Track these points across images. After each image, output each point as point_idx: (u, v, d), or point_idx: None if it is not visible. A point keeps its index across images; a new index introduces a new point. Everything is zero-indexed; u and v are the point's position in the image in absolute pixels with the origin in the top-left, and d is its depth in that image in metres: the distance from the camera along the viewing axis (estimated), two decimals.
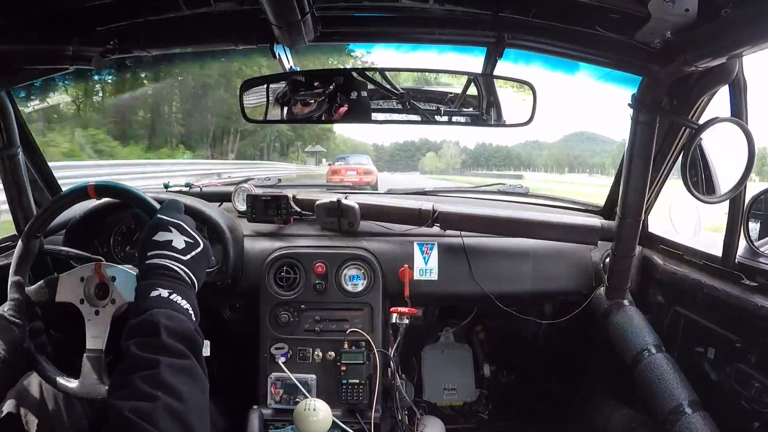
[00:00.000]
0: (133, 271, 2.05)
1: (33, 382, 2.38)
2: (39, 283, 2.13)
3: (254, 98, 2.72)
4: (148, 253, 1.72)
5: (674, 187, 2.77)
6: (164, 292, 1.61)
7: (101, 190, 2.08)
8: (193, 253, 1.78)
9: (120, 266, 2.06)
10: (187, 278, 1.72)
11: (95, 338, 2.05)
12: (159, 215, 1.82)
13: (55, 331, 2.68)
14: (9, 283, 2.07)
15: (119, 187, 2.09)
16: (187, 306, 1.63)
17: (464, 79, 2.72)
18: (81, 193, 2.09)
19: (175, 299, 1.61)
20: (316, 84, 2.59)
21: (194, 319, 1.63)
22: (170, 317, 1.54)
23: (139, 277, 1.75)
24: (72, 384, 2.09)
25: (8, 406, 2.33)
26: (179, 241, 1.76)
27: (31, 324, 2.10)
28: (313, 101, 2.59)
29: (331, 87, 2.60)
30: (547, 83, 2.88)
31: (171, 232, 1.77)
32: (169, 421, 1.30)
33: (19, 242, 2.15)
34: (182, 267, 1.72)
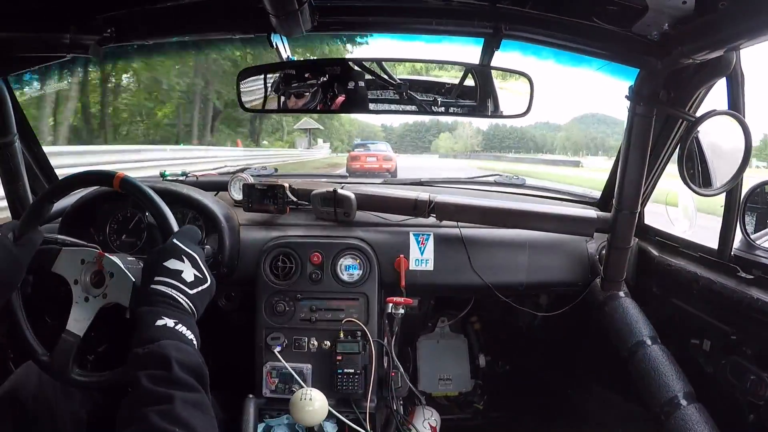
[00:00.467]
0: (131, 272, 2.05)
1: (32, 371, 2.38)
2: (40, 247, 2.13)
3: (252, 88, 2.72)
4: (155, 278, 1.73)
5: None
6: (170, 322, 1.62)
7: (127, 186, 2.08)
8: (200, 288, 1.79)
9: (121, 264, 2.06)
10: (189, 310, 1.73)
11: (77, 322, 2.06)
12: (175, 241, 1.83)
13: (51, 319, 2.68)
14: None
15: (147, 193, 2.09)
16: (192, 337, 1.64)
17: (462, 70, 2.73)
18: (106, 178, 2.10)
19: (180, 330, 1.62)
20: (307, 75, 2.59)
21: (197, 348, 1.65)
22: (180, 350, 1.55)
23: (141, 299, 1.75)
24: (43, 355, 2.10)
25: (6, 393, 2.33)
26: (189, 274, 1.78)
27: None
28: (306, 93, 2.59)
29: (327, 78, 2.60)
30: (552, 66, 2.88)
31: (183, 262, 1.79)
32: None
33: (34, 201, 2.15)
34: (187, 300, 1.73)
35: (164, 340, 1.55)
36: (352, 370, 2.88)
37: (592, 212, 3.07)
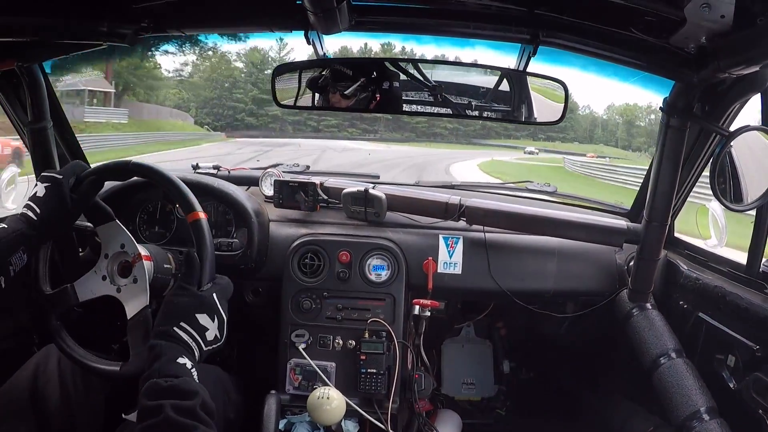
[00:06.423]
0: (156, 284, 2.12)
1: (51, 356, 2.40)
2: (98, 201, 2.18)
3: (286, 84, 2.73)
4: (182, 322, 1.78)
5: None
6: (188, 364, 1.69)
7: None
8: (213, 347, 1.86)
9: (148, 278, 2.10)
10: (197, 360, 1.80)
11: (84, 288, 2.14)
12: (215, 295, 1.89)
13: (66, 277, 2.69)
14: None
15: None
16: (201, 386, 1.68)
17: (497, 74, 2.72)
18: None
19: (195, 374, 1.68)
20: (369, 73, 2.59)
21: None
22: (202, 389, 1.61)
23: (160, 331, 1.77)
24: (45, 293, 2.18)
25: (26, 379, 2.35)
26: (212, 334, 1.84)
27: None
28: (355, 91, 2.59)
29: (375, 75, 2.60)
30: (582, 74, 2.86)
31: (213, 321, 1.85)
32: None
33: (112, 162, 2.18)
34: (200, 354, 1.80)
35: (187, 377, 1.62)
36: (376, 370, 2.88)
37: (622, 222, 3.07)
